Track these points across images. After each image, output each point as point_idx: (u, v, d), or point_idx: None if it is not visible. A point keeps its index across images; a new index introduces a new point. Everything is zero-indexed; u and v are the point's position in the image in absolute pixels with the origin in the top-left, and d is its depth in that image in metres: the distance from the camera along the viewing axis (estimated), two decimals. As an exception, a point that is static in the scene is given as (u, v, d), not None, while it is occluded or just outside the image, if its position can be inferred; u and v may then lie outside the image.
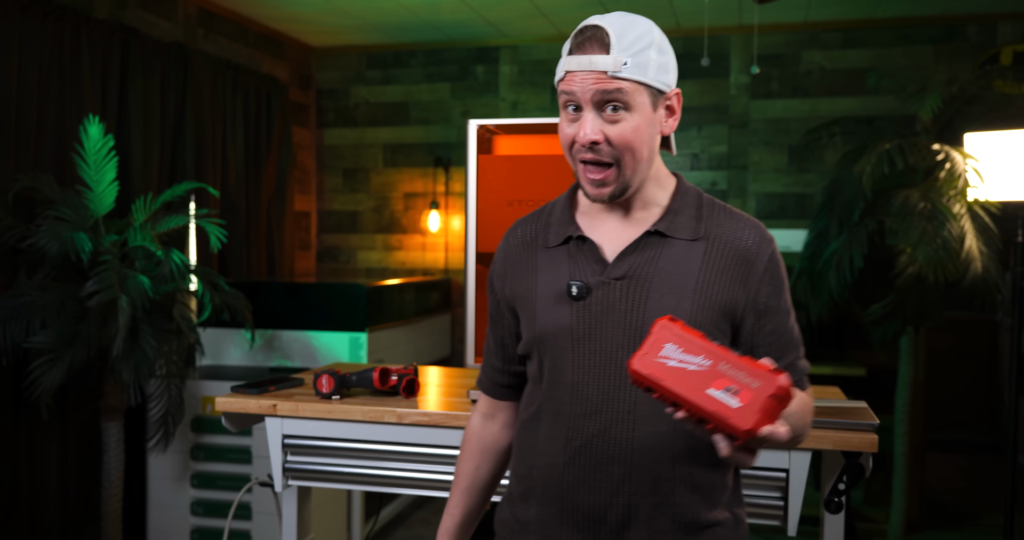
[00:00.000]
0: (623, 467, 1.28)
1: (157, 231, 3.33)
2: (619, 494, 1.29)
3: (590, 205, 1.37)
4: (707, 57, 4.22)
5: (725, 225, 1.33)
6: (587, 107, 1.26)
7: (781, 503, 1.90)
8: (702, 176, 5.08)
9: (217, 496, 3.61)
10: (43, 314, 3.03)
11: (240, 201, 4.65)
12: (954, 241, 3.59)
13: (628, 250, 1.31)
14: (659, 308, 1.27)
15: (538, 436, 1.37)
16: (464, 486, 1.55)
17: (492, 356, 1.52)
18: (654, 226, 1.32)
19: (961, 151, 3.69)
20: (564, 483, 1.32)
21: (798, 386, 1.33)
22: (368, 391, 2.29)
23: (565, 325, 1.31)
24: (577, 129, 1.27)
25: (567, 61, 1.27)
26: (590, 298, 1.30)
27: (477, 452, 1.55)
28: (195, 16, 4.42)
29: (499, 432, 1.54)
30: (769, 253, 1.33)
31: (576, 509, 1.31)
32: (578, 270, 1.33)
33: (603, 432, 1.29)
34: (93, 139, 3.17)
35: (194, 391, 3.62)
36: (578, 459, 1.30)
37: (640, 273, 1.30)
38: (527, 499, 1.39)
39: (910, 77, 4.74)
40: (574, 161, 1.31)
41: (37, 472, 3.38)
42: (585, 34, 1.26)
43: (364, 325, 3.83)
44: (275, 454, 2.22)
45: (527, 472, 1.38)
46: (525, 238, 1.42)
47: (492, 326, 1.50)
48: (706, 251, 1.31)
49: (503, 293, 1.44)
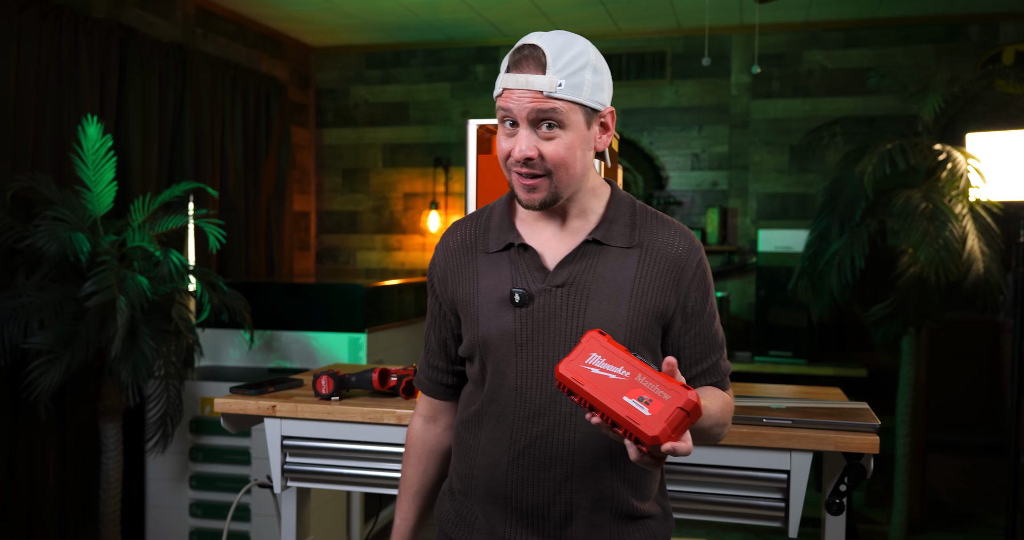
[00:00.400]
0: (566, 466, 1.36)
1: (156, 231, 3.34)
2: (562, 492, 1.37)
3: (528, 212, 1.43)
4: (708, 57, 4.22)
5: (657, 233, 1.41)
6: (523, 124, 1.32)
7: (782, 504, 1.90)
8: (703, 176, 5.08)
9: (216, 497, 3.61)
10: (41, 315, 3.04)
11: (239, 201, 4.65)
12: (956, 241, 3.59)
13: (568, 259, 1.38)
14: (598, 314, 1.35)
15: (479, 437, 1.43)
16: (414, 491, 1.60)
17: (435, 356, 1.55)
18: (591, 235, 1.39)
19: (963, 151, 3.69)
20: (508, 482, 1.38)
21: (720, 386, 1.45)
22: (367, 392, 2.29)
23: (509, 331, 1.37)
24: (513, 144, 1.33)
25: (505, 78, 1.32)
26: (532, 305, 1.37)
27: (423, 455, 1.60)
28: (194, 15, 4.43)
29: (442, 434, 1.60)
30: (698, 260, 1.41)
31: (520, 507, 1.39)
32: (520, 277, 1.39)
33: (547, 434, 1.36)
34: (91, 139, 3.17)
35: (193, 392, 3.63)
36: (522, 460, 1.37)
37: (579, 281, 1.37)
38: (469, 496, 1.45)
39: (912, 77, 4.74)
40: (508, 171, 1.36)
41: (35, 473, 3.38)
42: (523, 53, 1.31)
43: (363, 326, 3.83)
44: (274, 455, 2.23)
45: (467, 471, 1.44)
46: (465, 242, 1.47)
47: (434, 327, 1.54)
48: (640, 258, 1.39)
49: (444, 296, 1.48)
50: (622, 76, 5.14)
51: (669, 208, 5.11)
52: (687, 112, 5.10)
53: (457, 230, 1.50)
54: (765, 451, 1.88)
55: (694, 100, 5.09)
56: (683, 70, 5.10)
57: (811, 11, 4.64)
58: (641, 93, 5.16)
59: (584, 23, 4.88)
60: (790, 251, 4.49)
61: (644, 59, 5.12)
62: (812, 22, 4.85)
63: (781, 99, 4.97)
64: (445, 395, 1.57)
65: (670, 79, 5.10)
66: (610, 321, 1.35)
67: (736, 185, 5.05)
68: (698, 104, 5.08)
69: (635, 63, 5.13)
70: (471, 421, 1.45)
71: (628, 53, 5.14)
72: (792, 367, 4.46)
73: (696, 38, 5.02)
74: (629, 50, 5.14)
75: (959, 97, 3.98)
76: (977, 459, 4.93)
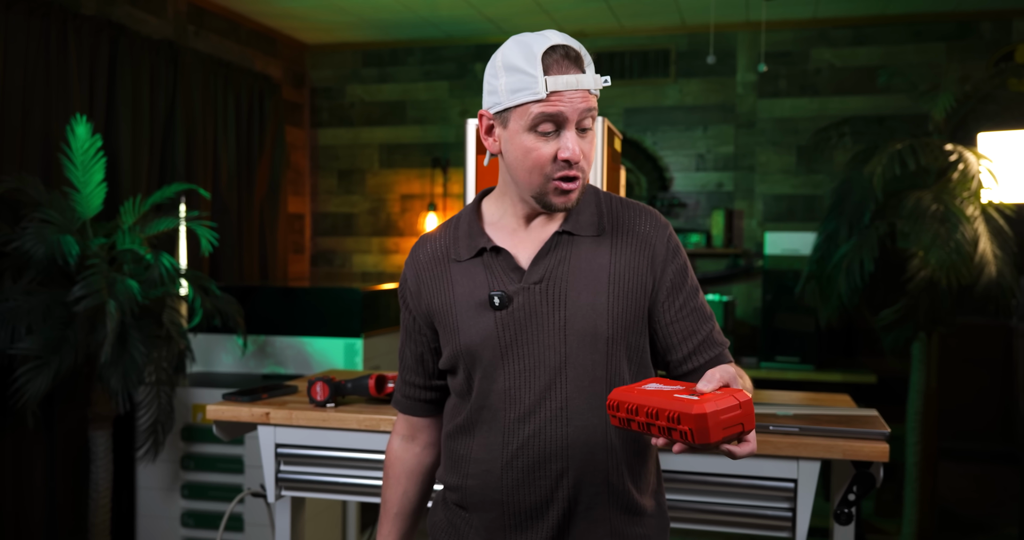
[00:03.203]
0: (560, 462, 1.38)
1: (146, 234, 3.34)
2: (559, 489, 1.38)
3: (499, 217, 1.46)
4: (713, 55, 4.22)
5: (623, 216, 1.45)
6: (570, 126, 1.33)
7: (789, 514, 1.90)
8: (707, 177, 5.09)
9: (208, 507, 3.61)
10: (29, 319, 3.04)
11: (232, 203, 4.65)
12: (967, 244, 3.59)
13: (541, 253, 1.41)
14: (579, 305, 1.38)
15: (470, 446, 1.44)
16: (394, 512, 1.62)
17: (411, 373, 1.57)
18: (561, 227, 1.42)
19: (975, 151, 3.69)
20: (503, 487, 1.40)
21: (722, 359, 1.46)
22: (364, 399, 2.29)
23: (491, 334, 1.39)
24: (554, 148, 1.33)
25: (554, 81, 1.30)
26: (512, 305, 1.39)
27: (402, 476, 1.61)
28: (185, 12, 4.44)
29: (422, 453, 1.61)
30: (667, 236, 1.45)
31: (518, 510, 1.40)
32: (496, 280, 1.41)
33: (538, 432, 1.38)
34: (80, 139, 3.17)
35: (184, 399, 3.63)
36: (516, 462, 1.39)
37: (555, 275, 1.40)
38: (464, 507, 1.46)
39: (922, 75, 4.75)
40: (544, 178, 1.35)
41: (23, 482, 3.38)
42: (559, 52, 1.32)
43: (359, 331, 3.83)
44: (268, 464, 2.23)
45: (460, 482, 1.45)
46: (435, 254, 1.49)
47: (409, 342, 1.55)
48: (612, 244, 1.42)
49: (418, 309, 1.50)
50: (625, 75, 5.14)
51: (673, 210, 5.12)
52: (692, 111, 5.11)
53: (426, 243, 1.52)
54: (771, 459, 1.89)
55: (699, 99, 5.09)
56: (687, 68, 5.10)
57: (819, 8, 4.64)
58: (644, 92, 5.16)
59: (586, 20, 4.89)
60: (797, 254, 4.50)
61: (647, 57, 5.13)
62: (820, 19, 4.86)
63: (788, 98, 4.98)
64: (424, 411, 1.58)
65: (674, 78, 5.11)
66: (591, 310, 1.37)
67: (742, 186, 5.06)
68: (703, 103, 5.09)
69: (638, 61, 5.14)
70: (459, 432, 1.46)
71: (631, 51, 5.14)
72: (799, 373, 4.46)
73: (701, 35, 5.03)
74: (632, 48, 5.15)
75: (971, 96, 3.98)
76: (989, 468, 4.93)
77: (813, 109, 4.94)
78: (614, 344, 1.38)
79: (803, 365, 4.50)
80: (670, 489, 1.96)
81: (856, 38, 4.88)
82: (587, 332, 1.37)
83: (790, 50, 4.96)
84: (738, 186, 5.06)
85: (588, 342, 1.37)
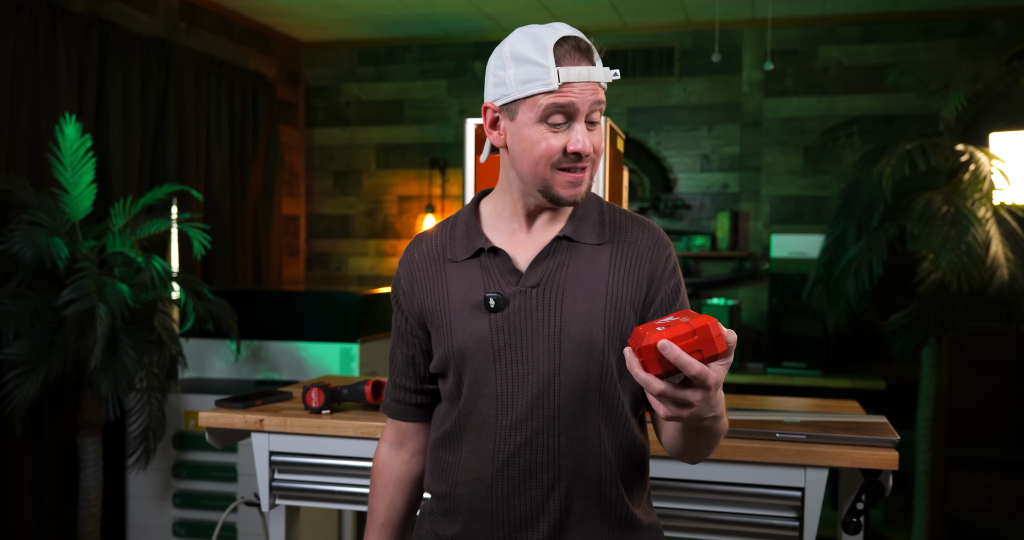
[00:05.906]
0: (552, 472, 1.37)
1: (137, 236, 3.34)
2: (550, 500, 1.37)
3: (496, 218, 1.47)
4: (718, 52, 4.23)
5: (626, 228, 1.46)
6: (580, 118, 1.34)
7: (796, 524, 1.91)
8: (712, 178, 5.09)
9: (201, 516, 3.61)
10: (16, 324, 3.04)
11: (225, 205, 4.66)
12: (979, 247, 3.60)
13: (540, 257, 1.41)
14: (574, 311, 1.38)
15: (459, 453, 1.43)
16: (380, 522, 1.60)
17: (402, 376, 1.56)
18: (562, 232, 1.42)
19: (986, 152, 3.70)
20: (493, 497, 1.39)
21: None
22: (360, 405, 2.30)
23: (485, 337, 1.39)
24: (564, 140, 1.34)
25: (566, 72, 1.31)
26: (508, 308, 1.39)
27: (389, 485, 1.60)
28: (177, 9, 4.44)
29: (410, 460, 1.60)
30: (667, 254, 1.46)
31: (508, 521, 1.39)
32: (492, 282, 1.41)
33: (530, 441, 1.37)
34: (69, 139, 3.18)
35: (176, 405, 3.63)
36: (506, 470, 1.38)
37: (553, 279, 1.40)
38: (451, 516, 1.44)
39: (932, 74, 4.75)
40: (550, 169, 1.36)
41: (10, 491, 3.39)
42: (570, 44, 1.33)
43: (356, 335, 3.83)
44: (262, 472, 2.23)
45: (448, 491, 1.44)
46: (431, 253, 1.48)
47: (401, 344, 1.55)
48: (612, 254, 1.43)
49: (411, 310, 1.49)
50: (628, 73, 5.15)
51: (677, 211, 5.13)
52: (696, 111, 5.11)
53: (421, 242, 1.51)
54: (778, 467, 1.89)
55: (703, 98, 5.10)
56: (692, 66, 5.11)
57: (826, 5, 4.65)
58: (648, 91, 5.17)
59: (587, 17, 4.90)
60: (804, 257, 4.50)
61: (651, 55, 5.14)
62: (828, 16, 4.87)
63: (795, 97, 4.99)
64: (413, 416, 1.57)
65: (678, 76, 5.12)
66: (587, 317, 1.37)
67: (748, 187, 5.06)
68: (708, 102, 5.10)
69: (641, 59, 5.15)
70: (448, 438, 1.45)
71: (634, 49, 5.15)
72: (807, 379, 4.46)
73: (706, 33, 5.04)
74: (635, 45, 5.15)
75: (982, 95, 3.99)
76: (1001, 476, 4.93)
77: (821, 108, 4.95)
78: (608, 354, 1.38)
79: (810, 371, 4.51)
80: (673, 498, 1.96)
81: (865, 36, 4.89)
82: (583, 340, 1.37)
83: (797, 48, 4.97)
84: (744, 187, 5.07)
85: (583, 350, 1.37)
